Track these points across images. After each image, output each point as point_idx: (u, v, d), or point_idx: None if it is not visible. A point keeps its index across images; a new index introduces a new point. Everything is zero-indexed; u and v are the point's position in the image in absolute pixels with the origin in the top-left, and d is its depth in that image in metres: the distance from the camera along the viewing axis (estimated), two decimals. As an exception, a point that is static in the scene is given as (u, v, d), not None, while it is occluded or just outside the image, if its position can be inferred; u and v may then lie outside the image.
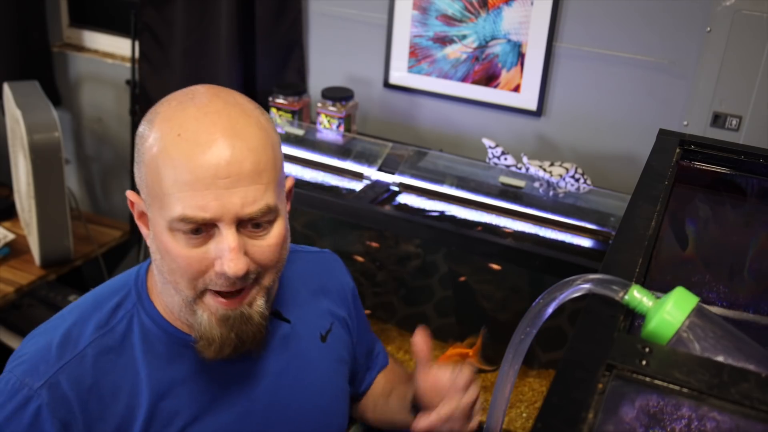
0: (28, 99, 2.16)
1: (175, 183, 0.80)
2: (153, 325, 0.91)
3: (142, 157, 0.84)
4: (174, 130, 0.81)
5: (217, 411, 0.93)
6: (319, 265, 1.12)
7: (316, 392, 1.03)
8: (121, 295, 0.93)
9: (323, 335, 1.06)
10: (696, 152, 1.00)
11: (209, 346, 0.86)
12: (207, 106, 0.83)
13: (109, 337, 0.89)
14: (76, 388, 0.85)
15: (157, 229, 0.84)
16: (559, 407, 0.51)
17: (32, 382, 0.85)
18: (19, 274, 2.17)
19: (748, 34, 1.69)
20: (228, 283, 0.83)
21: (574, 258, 1.60)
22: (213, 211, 0.79)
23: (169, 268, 0.84)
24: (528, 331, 0.71)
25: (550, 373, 1.87)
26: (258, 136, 0.84)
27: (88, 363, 0.87)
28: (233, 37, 2.25)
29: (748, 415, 0.50)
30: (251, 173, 0.81)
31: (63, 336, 0.89)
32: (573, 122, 2.02)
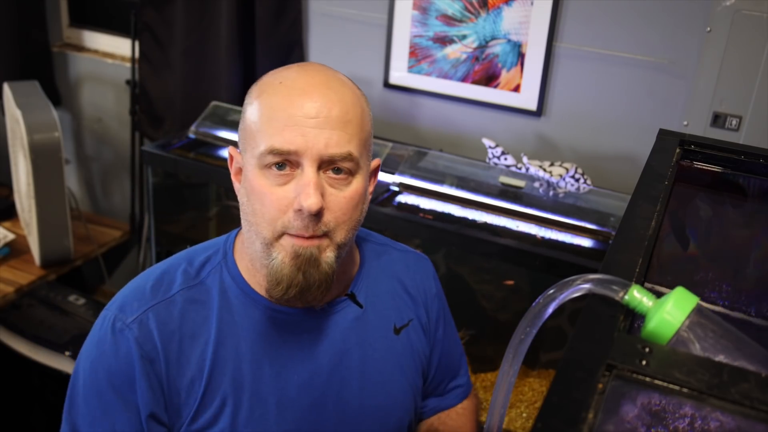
0: (28, 99, 2.16)
1: (269, 120, 0.88)
2: (232, 282, 0.98)
3: (245, 108, 0.93)
4: (276, 80, 0.91)
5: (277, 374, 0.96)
6: (406, 263, 1.13)
7: (380, 381, 1.03)
8: (210, 252, 1.00)
9: (398, 328, 1.07)
10: (696, 152, 1.00)
11: (278, 285, 0.90)
12: (307, 66, 0.94)
13: (195, 289, 0.96)
14: (162, 328, 0.93)
15: (248, 170, 0.91)
16: (559, 407, 0.51)
17: (125, 317, 0.93)
18: (19, 274, 2.17)
19: (748, 34, 1.69)
20: (303, 224, 0.87)
21: (574, 258, 1.60)
22: (298, 145, 0.86)
23: (253, 209, 0.90)
24: (528, 331, 0.71)
25: (550, 373, 1.87)
26: (349, 95, 0.92)
27: (175, 308, 0.94)
28: (233, 37, 2.25)
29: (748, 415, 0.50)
30: (338, 120, 0.88)
31: (156, 280, 0.97)
32: (573, 122, 2.02)
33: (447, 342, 1.16)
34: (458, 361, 1.20)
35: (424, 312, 1.11)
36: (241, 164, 0.94)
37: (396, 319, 1.07)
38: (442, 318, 1.16)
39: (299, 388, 0.97)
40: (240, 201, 0.94)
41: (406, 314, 1.08)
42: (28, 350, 2.10)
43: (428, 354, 1.12)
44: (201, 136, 2.14)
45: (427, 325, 1.11)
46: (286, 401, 0.96)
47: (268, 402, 0.96)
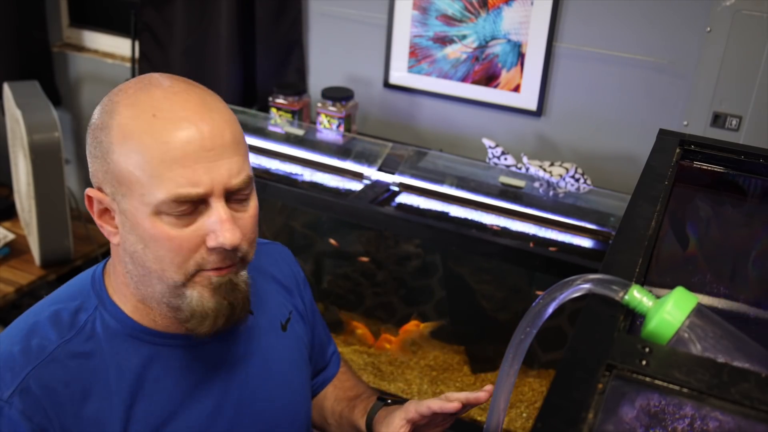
0: (28, 99, 2.16)
1: (161, 163, 0.78)
2: (119, 325, 0.89)
3: (108, 148, 0.81)
4: (146, 112, 0.80)
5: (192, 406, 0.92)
6: (271, 256, 1.10)
7: (283, 382, 1.02)
8: (79, 301, 0.90)
9: (283, 324, 1.05)
10: (696, 152, 1.00)
11: (204, 321, 0.84)
12: (171, 87, 0.83)
13: (75, 342, 0.86)
14: (47, 391, 0.83)
15: (137, 218, 0.81)
16: (559, 407, 0.51)
17: (1, 393, 0.82)
18: (19, 274, 2.17)
19: (748, 34, 1.69)
20: (220, 258, 0.82)
21: (574, 258, 1.60)
22: (205, 185, 0.79)
23: (155, 256, 0.82)
24: (528, 331, 0.71)
25: (550, 373, 1.87)
26: (227, 111, 0.85)
27: (56, 367, 0.84)
28: (233, 37, 2.25)
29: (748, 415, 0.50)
30: (232, 143, 0.82)
31: (24, 343, 0.85)
32: (573, 122, 2.02)
33: (317, 320, 1.16)
34: (326, 333, 1.21)
35: (300, 299, 1.10)
36: (110, 206, 0.84)
37: (280, 315, 1.05)
38: (310, 297, 1.15)
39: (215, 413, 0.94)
40: (127, 246, 0.84)
41: (286, 308, 1.07)
42: (28, 350, 2.10)
43: (310, 339, 1.12)
44: (201, 136, 2.14)
45: (304, 311, 1.11)
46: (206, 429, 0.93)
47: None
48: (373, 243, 2.00)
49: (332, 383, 1.20)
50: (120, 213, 0.83)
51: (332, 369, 1.21)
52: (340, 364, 1.23)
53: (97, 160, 0.83)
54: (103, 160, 0.82)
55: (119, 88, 0.85)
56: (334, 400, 1.17)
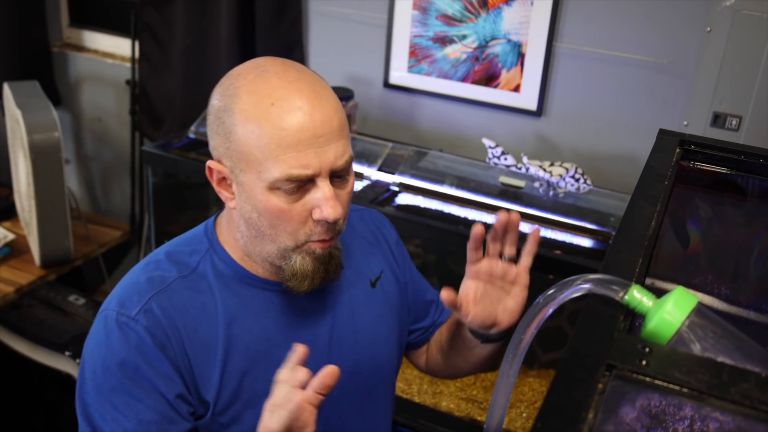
0: (28, 99, 2.16)
1: (278, 147, 0.89)
2: (226, 267, 1.01)
3: (230, 129, 0.92)
4: (266, 100, 0.91)
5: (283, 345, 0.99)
6: (364, 220, 1.20)
7: (370, 333, 1.10)
8: (194, 245, 1.03)
9: (372, 281, 1.14)
10: (696, 152, 1.00)
11: (303, 281, 0.96)
12: (286, 75, 0.93)
13: (190, 278, 0.99)
14: (166, 314, 0.95)
15: (254, 190, 0.93)
16: (559, 407, 0.51)
17: (128, 311, 0.95)
18: (19, 274, 2.17)
19: (748, 34, 1.69)
20: (324, 230, 0.94)
21: (574, 258, 1.60)
22: (314, 168, 0.90)
23: (270, 224, 0.94)
24: (528, 331, 0.71)
25: (550, 373, 1.87)
26: (334, 98, 0.95)
27: (175, 295, 0.97)
28: (233, 37, 2.25)
29: (748, 415, 0.50)
30: (338, 129, 0.92)
31: (148, 274, 0.99)
32: (573, 122, 2.02)
33: (416, 278, 1.24)
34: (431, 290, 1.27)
35: (392, 259, 1.19)
36: (229, 177, 0.96)
37: (370, 273, 1.14)
38: (408, 257, 1.24)
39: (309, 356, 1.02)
40: (243, 212, 0.96)
41: (377, 267, 1.15)
42: (28, 350, 2.10)
43: (406, 298, 1.19)
44: (201, 136, 2.14)
45: (397, 270, 1.18)
46: None
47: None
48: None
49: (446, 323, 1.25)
50: (237, 184, 0.95)
51: (445, 315, 1.26)
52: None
53: (219, 137, 0.94)
54: (225, 138, 0.93)
55: (239, 73, 0.95)
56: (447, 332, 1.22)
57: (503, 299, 1.04)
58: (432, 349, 1.25)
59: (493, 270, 1.03)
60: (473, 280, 1.04)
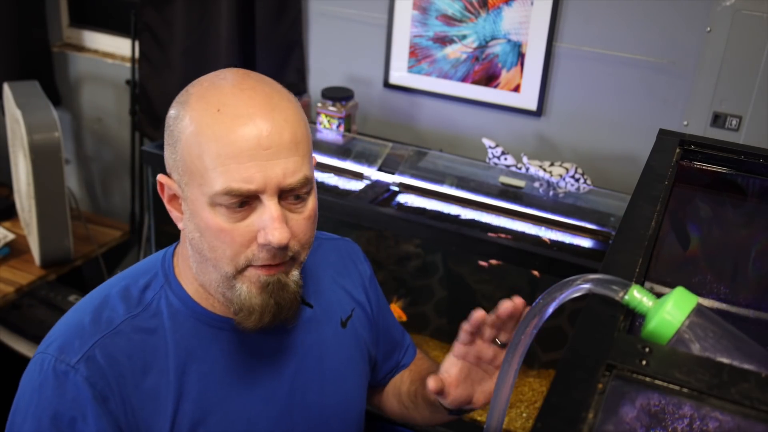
0: (28, 99, 2.15)
1: (218, 157, 0.82)
2: (182, 305, 0.93)
3: (178, 137, 0.86)
4: (213, 107, 0.83)
5: (243, 391, 0.95)
6: (338, 251, 1.13)
7: (338, 378, 1.04)
8: (149, 277, 0.95)
9: (343, 321, 1.07)
10: (696, 152, 1.00)
11: (250, 316, 0.87)
12: (241, 83, 0.86)
13: (141, 317, 0.91)
14: (111, 362, 0.87)
15: (196, 206, 0.85)
16: (559, 407, 0.51)
17: (68, 358, 0.86)
18: (19, 274, 2.17)
19: (748, 34, 1.69)
20: (270, 255, 0.85)
21: (574, 258, 1.60)
22: (257, 183, 0.82)
23: (210, 246, 0.85)
24: (528, 331, 0.71)
25: (550, 373, 1.87)
26: (292, 110, 0.87)
27: (122, 339, 0.89)
28: (233, 37, 2.25)
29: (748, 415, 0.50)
30: (290, 144, 0.84)
31: (94, 314, 0.90)
32: (573, 122, 2.02)
33: (381, 310, 1.17)
34: (398, 329, 1.22)
35: (365, 296, 1.12)
36: (177, 192, 0.89)
37: (341, 312, 1.07)
38: (378, 294, 1.17)
39: (265, 401, 0.97)
40: (187, 232, 0.89)
41: (348, 304, 1.08)
42: (28, 350, 2.10)
43: (375, 338, 1.13)
44: (201, 136, 2.14)
45: (369, 309, 1.12)
46: (255, 415, 0.95)
47: (239, 420, 0.94)
48: (373, 243, 2.00)
49: (408, 368, 1.21)
50: (185, 200, 0.88)
51: (408, 358, 1.21)
52: (416, 353, 1.24)
53: (169, 147, 0.88)
54: (173, 149, 0.87)
55: (196, 81, 0.89)
56: (409, 382, 1.17)
57: (484, 381, 0.97)
58: (388, 393, 1.19)
59: (482, 354, 0.96)
60: (459, 360, 0.96)
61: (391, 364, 1.20)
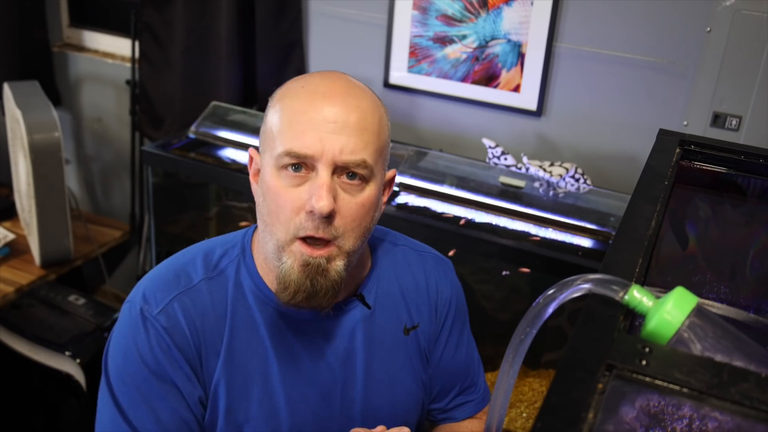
0: (28, 99, 2.15)
1: (289, 122, 0.90)
2: (248, 276, 0.99)
3: (267, 112, 0.95)
4: (299, 84, 0.93)
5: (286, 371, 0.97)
6: (422, 264, 1.12)
7: (385, 381, 1.04)
8: (229, 246, 1.02)
9: (407, 328, 1.07)
10: (696, 152, 0.99)
11: (285, 290, 0.91)
12: (331, 73, 0.95)
13: (215, 280, 0.98)
14: (188, 317, 0.95)
15: (265, 171, 0.93)
16: (559, 407, 0.50)
17: (151, 309, 0.94)
18: (19, 274, 2.17)
19: (748, 34, 1.69)
20: (314, 225, 0.88)
21: (574, 258, 1.60)
22: (315, 149, 0.88)
23: (269, 209, 0.92)
24: (528, 331, 0.71)
25: (550, 373, 1.87)
26: (368, 103, 0.93)
27: (198, 297, 0.96)
28: (233, 37, 2.25)
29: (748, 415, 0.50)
30: (355, 126, 0.89)
31: (178, 269, 0.98)
32: (573, 122, 2.02)
33: (460, 350, 1.15)
34: (470, 374, 1.18)
35: (435, 315, 1.10)
36: (260, 165, 0.96)
37: (407, 319, 1.07)
38: (457, 324, 1.14)
39: (308, 385, 0.99)
40: (257, 201, 0.96)
41: (417, 316, 1.08)
42: (28, 350, 2.10)
43: (438, 358, 1.11)
44: (201, 136, 2.14)
45: (437, 327, 1.11)
46: (296, 396, 0.99)
47: (277, 396, 0.98)
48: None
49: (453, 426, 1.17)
50: (261, 169, 0.95)
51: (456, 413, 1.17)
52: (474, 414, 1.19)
53: (263, 124, 0.96)
54: (263, 122, 0.95)
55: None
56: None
57: None
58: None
59: None
60: None
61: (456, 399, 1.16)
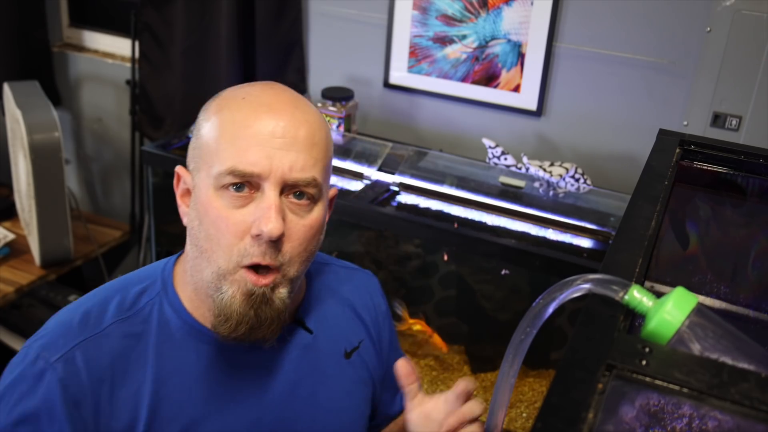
0: (28, 99, 2.15)
1: (231, 137, 0.82)
2: (173, 313, 0.90)
3: (201, 125, 0.87)
4: (239, 96, 0.86)
5: (226, 413, 0.90)
6: (353, 281, 1.09)
7: (333, 410, 0.99)
8: (146, 284, 0.92)
9: (348, 352, 1.02)
10: (696, 152, 1.00)
11: (226, 322, 0.84)
12: (272, 84, 0.89)
13: (130, 322, 0.89)
14: (91, 366, 0.85)
15: (201, 192, 0.85)
16: (559, 407, 0.51)
17: (49, 356, 0.84)
18: (19, 274, 2.17)
19: (748, 34, 1.69)
20: (260, 251, 0.82)
21: (574, 258, 1.60)
22: (262, 167, 0.81)
23: (206, 234, 0.84)
24: (528, 331, 0.71)
25: (550, 373, 1.87)
26: (316, 118, 0.87)
27: (106, 343, 0.86)
28: (233, 37, 2.25)
29: (748, 415, 0.50)
30: (305, 142, 0.84)
31: (84, 314, 0.88)
32: (573, 122, 2.02)
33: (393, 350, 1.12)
34: None
35: (376, 331, 1.07)
36: (190, 185, 0.88)
37: (346, 342, 1.02)
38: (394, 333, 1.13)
39: (250, 424, 0.92)
40: (188, 225, 0.88)
41: (356, 336, 1.04)
42: (28, 350, 2.10)
43: (381, 373, 1.08)
44: (201, 136, 2.14)
45: (378, 344, 1.07)
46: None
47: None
48: (373, 243, 2.00)
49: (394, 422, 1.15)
50: (193, 189, 0.87)
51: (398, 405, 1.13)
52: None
53: (192, 139, 0.89)
54: (195, 137, 0.88)
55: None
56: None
57: None
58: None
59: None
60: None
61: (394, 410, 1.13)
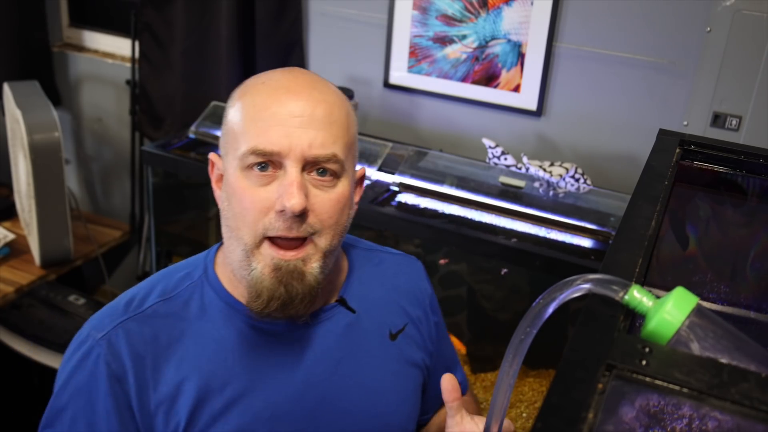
0: (28, 99, 2.15)
1: (252, 119, 0.86)
2: (215, 296, 0.94)
3: (227, 112, 0.91)
4: (260, 81, 0.90)
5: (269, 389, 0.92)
6: (399, 266, 1.11)
7: (378, 390, 0.99)
8: (190, 269, 0.97)
9: (393, 333, 1.03)
10: (696, 152, 0.99)
11: (257, 299, 0.86)
12: (292, 69, 0.93)
13: (172, 302, 0.93)
14: (132, 343, 0.89)
15: (229, 174, 0.88)
16: (559, 407, 0.50)
17: (96, 334, 0.90)
18: (19, 274, 2.17)
19: (748, 34, 1.69)
20: (286, 225, 0.84)
21: (574, 258, 1.60)
22: (282, 146, 0.84)
23: (234, 213, 0.87)
24: (528, 331, 0.71)
25: (550, 373, 1.87)
26: (334, 97, 0.90)
27: (147, 322, 0.91)
28: (233, 37, 2.25)
29: (748, 415, 0.50)
30: (323, 119, 0.86)
31: (131, 297, 0.94)
32: (573, 122, 2.02)
33: (441, 335, 1.14)
34: (454, 360, 1.18)
35: (422, 313, 1.09)
36: (222, 170, 0.92)
37: (390, 324, 1.03)
38: (438, 318, 1.14)
39: (292, 400, 0.93)
40: (221, 208, 0.91)
41: (401, 319, 1.05)
42: (28, 350, 2.10)
43: (429, 355, 1.09)
44: (201, 136, 2.14)
45: (425, 326, 1.08)
46: (280, 414, 0.93)
47: (260, 416, 0.92)
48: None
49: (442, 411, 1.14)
50: (224, 173, 0.90)
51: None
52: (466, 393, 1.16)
53: (223, 125, 0.92)
54: (223, 123, 0.92)
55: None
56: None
57: None
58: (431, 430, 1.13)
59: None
60: None
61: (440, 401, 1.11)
